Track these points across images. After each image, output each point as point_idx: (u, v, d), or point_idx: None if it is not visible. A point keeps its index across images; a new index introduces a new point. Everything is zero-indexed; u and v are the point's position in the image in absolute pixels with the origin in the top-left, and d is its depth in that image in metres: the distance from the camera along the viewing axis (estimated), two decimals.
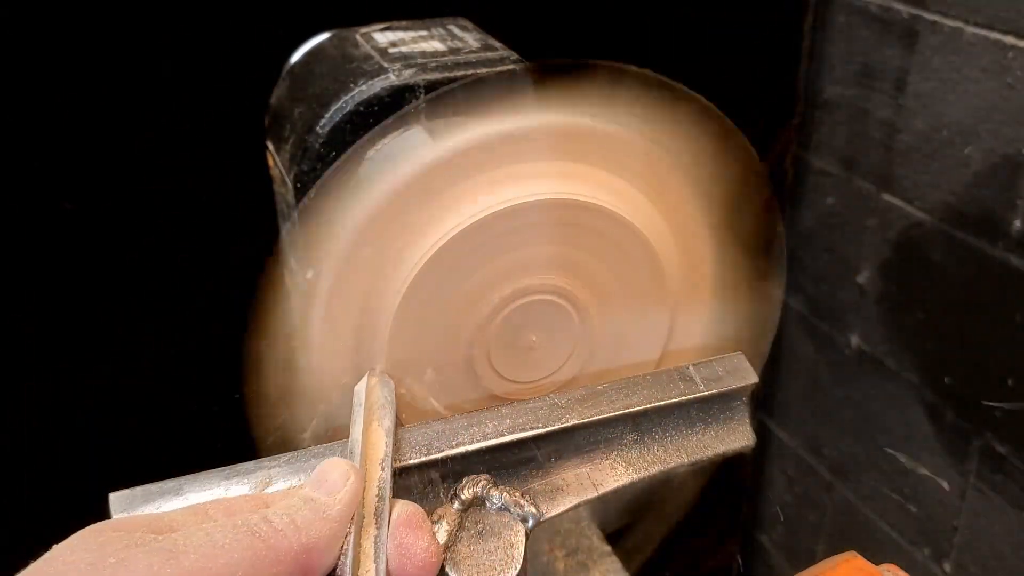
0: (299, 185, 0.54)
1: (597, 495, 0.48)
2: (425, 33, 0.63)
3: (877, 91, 0.93)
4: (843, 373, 1.08)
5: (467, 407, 0.54)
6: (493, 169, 0.50)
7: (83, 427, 0.80)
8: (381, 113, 0.53)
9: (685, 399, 0.51)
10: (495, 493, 0.45)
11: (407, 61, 0.57)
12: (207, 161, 0.76)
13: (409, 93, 0.54)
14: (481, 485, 0.45)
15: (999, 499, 0.90)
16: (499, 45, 0.61)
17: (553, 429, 0.48)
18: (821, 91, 1.01)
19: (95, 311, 0.78)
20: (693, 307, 0.58)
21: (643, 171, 0.53)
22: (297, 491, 0.39)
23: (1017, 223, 0.81)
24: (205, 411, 0.73)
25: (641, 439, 0.50)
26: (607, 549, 0.75)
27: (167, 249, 0.78)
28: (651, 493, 0.53)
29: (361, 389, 0.48)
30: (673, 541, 0.82)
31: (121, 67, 0.73)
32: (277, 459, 0.44)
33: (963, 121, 0.84)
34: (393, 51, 0.59)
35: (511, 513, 0.45)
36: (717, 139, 0.54)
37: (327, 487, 0.39)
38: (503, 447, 0.47)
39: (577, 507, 0.48)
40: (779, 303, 0.62)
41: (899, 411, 1.00)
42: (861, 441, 1.08)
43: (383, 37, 0.63)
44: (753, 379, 0.53)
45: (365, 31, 0.64)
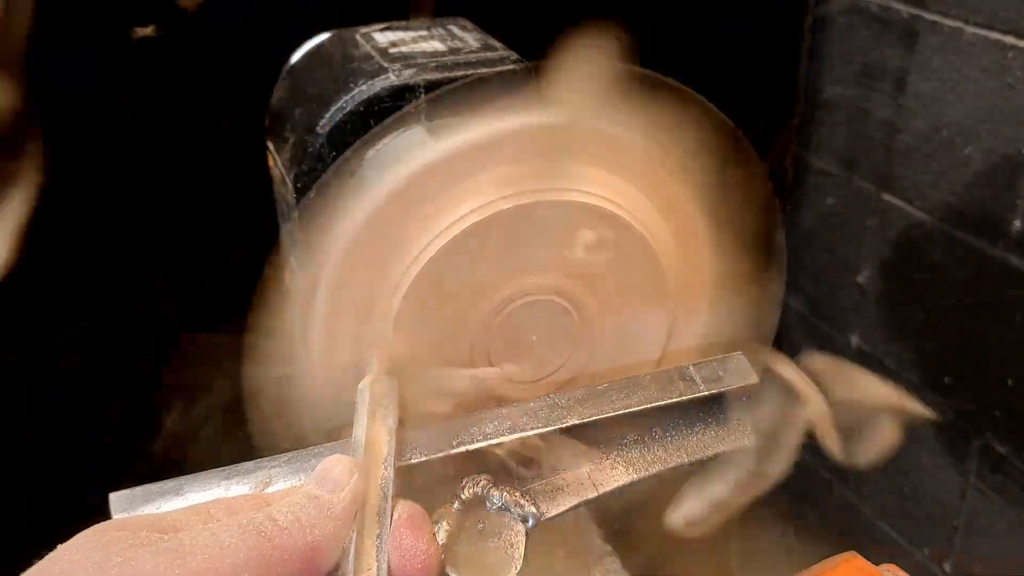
0: (299, 185, 0.54)
1: (597, 495, 0.48)
2: (425, 33, 0.63)
3: (877, 91, 0.93)
4: None
5: (467, 407, 0.54)
6: (493, 169, 0.50)
7: (83, 427, 0.80)
8: (381, 113, 0.53)
9: (685, 399, 0.51)
10: (495, 493, 0.45)
11: (407, 61, 0.57)
12: (207, 161, 0.76)
13: (409, 93, 0.54)
14: (481, 485, 0.45)
15: (999, 499, 0.90)
16: (499, 45, 0.61)
17: (553, 429, 0.48)
18: (821, 91, 1.01)
19: (95, 311, 0.78)
20: (693, 307, 0.58)
21: (643, 171, 0.53)
22: (300, 489, 0.39)
23: (1017, 223, 0.81)
24: (205, 411, 0.73)
25: (641, 439, 0.50)
26: (607, 549, 0.75)
27: (167, 249, 0.78)
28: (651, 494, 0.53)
29: (364, 388, 0.48)
30: (673, 541, 0.82)
31: (121, 67, 0.73)
32: (277, 459, 0.44)
33: (963, 121, 0.84)
34: (393, 51, 0.59)
35: (511, 513, 0.45)
36: (717, 139, 0.54)
37: (331, 484, 0.38)
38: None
39: (577, 507, 0.48)
40: (779, 303, 0.62)
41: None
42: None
43: (383, 37, 0.63)
44: (753, 379, 0.53)
45: (365, 31, 0.64)
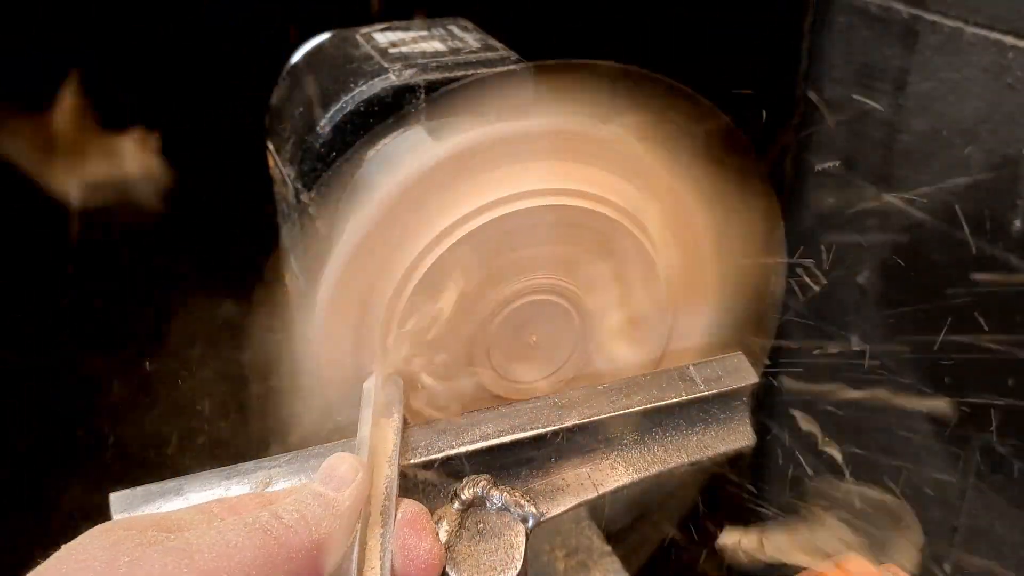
0: (299, 185, 0.54)
1: (597, 495, 0.48)
2: (425, 33, 0.63)
3: (877, 91, 0.93)
4: (843, 373, 1.07)
5: (468, 407, 0.54)
6: (493, 169, 0.50)
7: (83, 426, 0.80)
8: (381, 113, 0.53)
9: (685, 399, 0.51)
10: (495, 493, 0.45)
11: (407, 61, 0.57)
12: (207, 161, 0.76)
13: (409, 93, 0.53)
14: (481, 485, 0.45)
15: (999, 499, 0.90)
16: (499, 45, 0.61)
17: (553, 429, 0.48)
18: (821, 91, 1.01)
19: (95, 311, 0.78)
20: (693, 307, 0.58)
21: (643, 171, 0.53)
22: (306, 486, 0.39)
23: (1017, 223, 0.81)
24: (205, 410, 0.73)
25: (641, 439, 0.50)
26: (607, 549, 0.75)
27: (167, 249, 0.78)
28: (651, 494, 0.53)
29: (369, 387, 0.48)
30: (673, 541, 0.82)
31: (121, 67, 0.73)
32: (277, 459, 0.44)
33: (963, 121, 0.84)
34: (393, 51, 0.59)
35: (511, 513, 0.45)
36: (717, 139, 0.54)
37: (336, 482, 0.38)
38: (503, 447, 0.47)
39: (577, 507, 0.48)
40: (779, 303, 0.62)
41: (899, 411, 1.00)
42: (861, 441, 1.07)
43: (383, 37, 0.63)
44: (753, 379, 0.53)
45: (365, 31, 0.64)
